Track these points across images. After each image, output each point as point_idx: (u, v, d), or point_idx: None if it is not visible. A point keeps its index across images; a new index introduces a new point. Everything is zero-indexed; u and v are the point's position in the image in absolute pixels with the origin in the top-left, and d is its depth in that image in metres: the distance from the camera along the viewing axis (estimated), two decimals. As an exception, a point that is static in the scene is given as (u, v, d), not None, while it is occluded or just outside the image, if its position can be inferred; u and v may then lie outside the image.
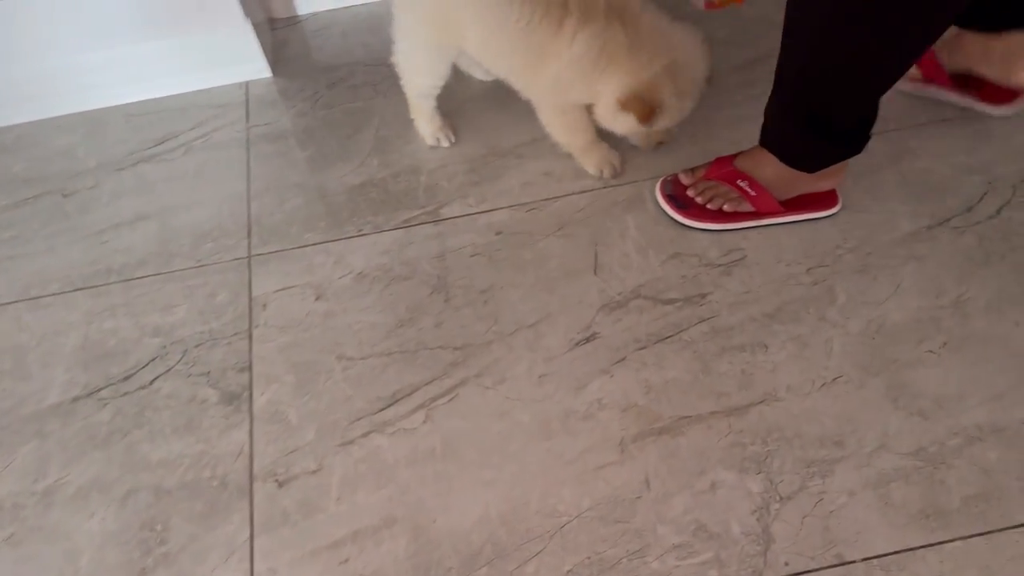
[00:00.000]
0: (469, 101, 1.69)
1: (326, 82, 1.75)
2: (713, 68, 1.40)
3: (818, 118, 1.25)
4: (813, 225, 1.43)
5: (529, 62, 1.37)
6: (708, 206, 1.42)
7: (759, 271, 1.39)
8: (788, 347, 1.31)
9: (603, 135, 1.51)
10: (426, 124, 1.61)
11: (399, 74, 1.55)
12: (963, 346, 1.28)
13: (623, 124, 1.40)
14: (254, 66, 1.74)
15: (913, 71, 1.54)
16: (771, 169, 1.38)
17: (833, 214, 1.43)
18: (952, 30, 1.47)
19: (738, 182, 1.40)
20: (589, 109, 1.43)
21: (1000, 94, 1.50)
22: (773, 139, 1.36)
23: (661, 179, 1.48)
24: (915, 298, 1.34)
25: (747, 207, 1.41)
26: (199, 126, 1.70)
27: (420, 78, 1.53)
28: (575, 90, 1.39)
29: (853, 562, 1.10)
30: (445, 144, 1.61)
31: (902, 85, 1.55)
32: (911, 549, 1.11)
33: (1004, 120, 1.55)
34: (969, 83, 1.51)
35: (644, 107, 1.33)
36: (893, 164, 1.51)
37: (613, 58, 1.33)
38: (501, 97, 1.67)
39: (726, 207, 1.41)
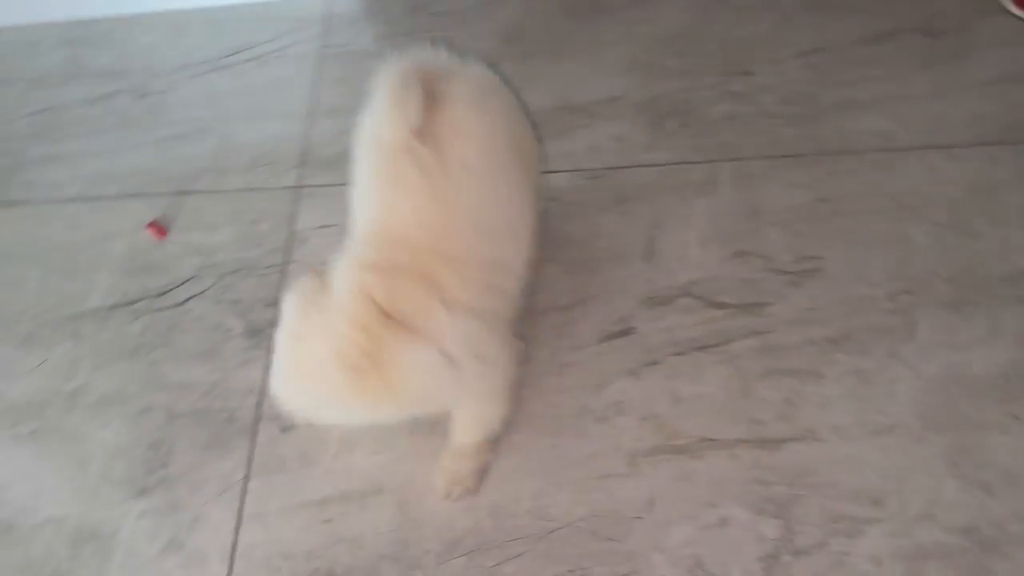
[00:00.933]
0: (547, 43, 1.55)
1: (409, 6, 1.64)
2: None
3: None
4: (908, 244, 1.23)
5: None
6: None
7: (833, 287, 1.22)
8: (845, 381, 1.15)
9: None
10: None
11: None
12: (1058, 417, 1.09)
13: None
14: (339, -20, 1.65)
15: None
16: None
17: None
18: None
19: None
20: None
21: None
22: None
23: None
24: (1011, 349, 1.14)
25: None
26: (276, 39, 1.64)
27: None
28: None
29: (857, 643, 0.98)
30: None
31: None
32: (929, 644, 0.97)
33: None
34: None
35: None
36: (1026, 182, 1.27)
37: None
38: (584, 43, 1.52)
39: None
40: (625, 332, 1.23)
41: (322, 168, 1.47)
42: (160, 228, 1.43)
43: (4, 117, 1.64)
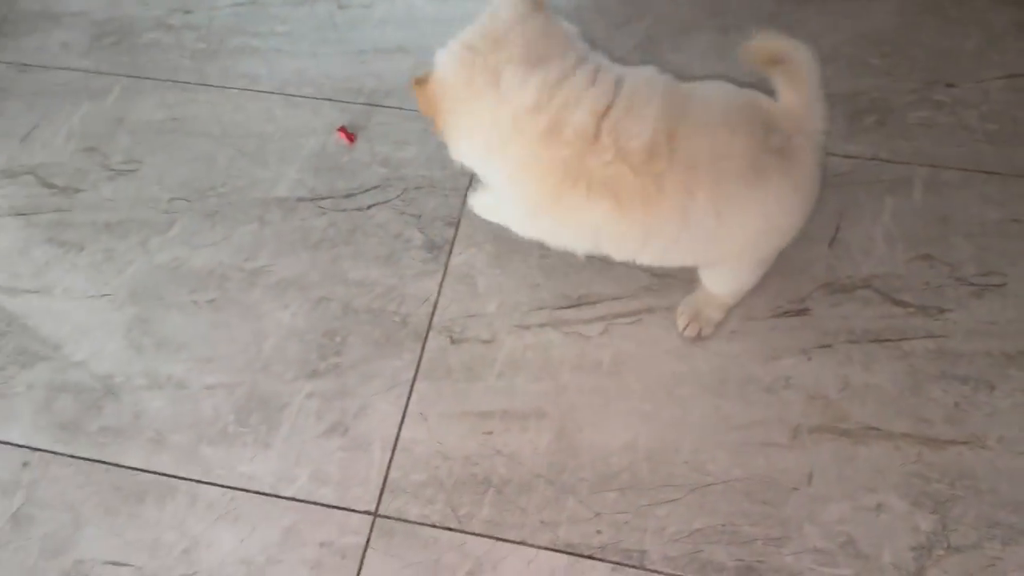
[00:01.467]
0: (751, 20, 1.55)
1: (614, -37, 1.67)
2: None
3: None
4: (1102, 277, 1.23)
5: None
6: None
7: (1015, 305, 1.22)
8: (1018, 396, 1.16)
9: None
10: None
11: None
12: None
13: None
14: (549, -73, 1.68)
15: None
16: None
17: None
18: None
19: None
20: None
21: None
22: None
23: None
24: None
25: None
26: (479, -26, 1.68)
27: None
28: None
29: (1007, 645, 1.00)
30: None
31: None
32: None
33: None
34: None
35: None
36: None
37: None
38: (788, 26, 1.52)
39: None
40: (801, 312, 1.25)
41: (511, 104, 1.50)
42: (350, 134, 1.49)
43: (207, 4, 1.71)
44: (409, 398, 1.24)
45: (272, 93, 1.57)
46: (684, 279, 1.30)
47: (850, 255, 1.29)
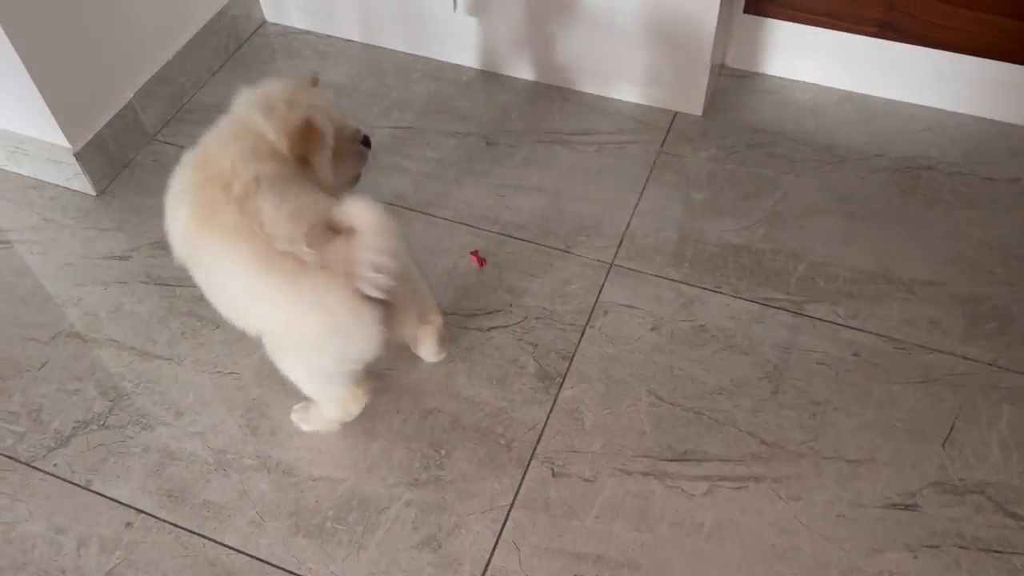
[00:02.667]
0: (877, 212, 1.62)
1: (747, 141, 1.77)
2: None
3: None
4: None
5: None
6: None
7: None
8: None
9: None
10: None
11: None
12: None
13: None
14: (689, 100, 1.81)
15: None
16: None
17: None
18: None
19: None
20: None
21: None
22: None
23: None
24: None
25: None
26: (619, 133, 1.80)
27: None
28: None
29: None
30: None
31: None
32: None
33: None
34: None
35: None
36: None
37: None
38: (914, 224, 1.58)
39: None
40: (910, 507, 1.24)
41: (635, 255, 1.58)
42: (481, 259, 1.58)
43: (367, 123, 1.87)
44: (504, 525, 1.25)
45: (414, 211, 1.69)
46: (795, 452, 1.30)
47: (964, 458, 1.28)
